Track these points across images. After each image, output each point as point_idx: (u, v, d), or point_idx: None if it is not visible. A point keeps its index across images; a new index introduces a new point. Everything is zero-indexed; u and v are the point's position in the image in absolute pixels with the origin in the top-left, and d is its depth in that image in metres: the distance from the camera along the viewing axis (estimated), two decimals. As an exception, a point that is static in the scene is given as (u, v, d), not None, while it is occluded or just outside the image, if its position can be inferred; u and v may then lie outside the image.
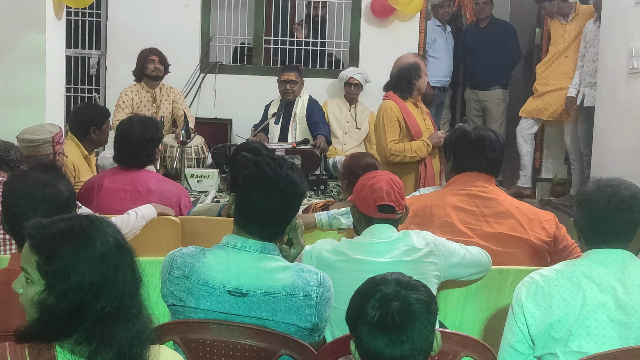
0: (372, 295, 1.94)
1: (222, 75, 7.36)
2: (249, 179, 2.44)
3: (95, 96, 7.38)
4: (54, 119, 4.89)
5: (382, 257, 2.77)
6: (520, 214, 3.29)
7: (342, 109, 6.85)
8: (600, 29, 5.83)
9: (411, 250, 2.79)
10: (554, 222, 3.31)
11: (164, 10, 7.20)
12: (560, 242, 3.28)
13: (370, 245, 2.81)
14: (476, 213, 3.28)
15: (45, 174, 2.51)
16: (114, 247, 1.74)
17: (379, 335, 1.90)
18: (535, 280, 2.40)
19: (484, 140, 3.40)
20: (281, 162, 2.47)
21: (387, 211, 2.84)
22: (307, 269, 2.42)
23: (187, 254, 2.42)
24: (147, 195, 3.90)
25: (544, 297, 2.35)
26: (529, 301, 2.37)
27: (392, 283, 1.98)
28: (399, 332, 1.89)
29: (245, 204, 2.42)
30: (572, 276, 2.36)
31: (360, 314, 1.93)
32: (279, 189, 2.39)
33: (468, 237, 3.18)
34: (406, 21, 7.32)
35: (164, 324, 2.45)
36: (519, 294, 2.41)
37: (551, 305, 2.34)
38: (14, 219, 2.42)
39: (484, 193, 3.33)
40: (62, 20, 5.21)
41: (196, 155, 5.72)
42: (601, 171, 5.59)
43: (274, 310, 2.33)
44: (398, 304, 1.91)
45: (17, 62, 4.85)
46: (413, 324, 1.90)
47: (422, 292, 1.97)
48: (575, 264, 2.41)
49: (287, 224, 2.47)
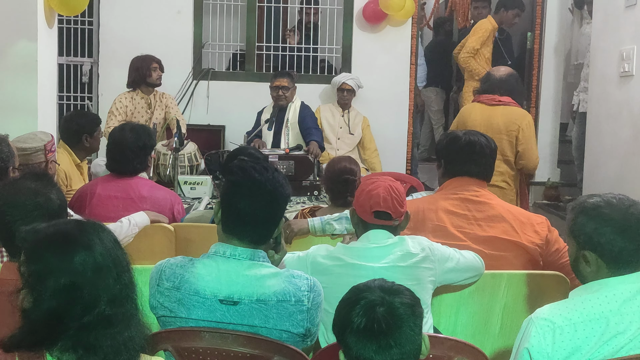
0: (357, 303, 1.95)
1: (215, 82, 7.36)
2: (236, 184, 2.45)
3: (88, 104, 7.37)
4: (46, 127, 4.87)
5: (378, 262, 2.76)
6: (513, 217, 3.29)
7: (335, 115, 6.85)
8: (592, 33, 5.85)
9: (406, 255, 2.79)
10: (545, 225, 3.31)
11: (156, 17, 7.20)
12: (552, 245, 3.28)
13: (365, 250, 2.81)
14: (468, 217, 3.28)
15: (36, 182, 2.50)
16: (99, 252, 1.72)
17: (367, 342, 1.90)
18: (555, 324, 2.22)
19: (474, 145, 3.41)
20: (265, 165, 2.49)
21: (383, 217, 2.83)
22: (297, 274, 2.42)
23: (176, 265, 2.42)
24: (140, 202, 3.90)
25: (567, 342, 2.20)
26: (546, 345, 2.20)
27: (376, 289, 1.99)
28: (386, 337, 1.90)
29: (234, 209, 2.42)
30: (600, 317, 2.20)
31: (346, 323, 1.94)
32: (267, 191, 2.40)
33: (461, 240, 3.18)
34: (398, 26, 7.33)
35: (156, 332, 2.44)
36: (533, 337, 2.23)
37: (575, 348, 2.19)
38: (5, 227, 2.41)
39: (476, 197, 3.33)
40: (54, 28, 5.20)
41: (189, 163, 5.71)
42: (593, 174, 5.61)
43: (266, 317, 2.33)
44: (383, 309, 1.92)
45: (9, 70, 4.84)
46: (400, 327, 1.91)
47: (406, 296, 1.99)
48: (601, 303, 2.22)
49: (276, 226, 2.48)
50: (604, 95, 5.50)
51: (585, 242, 2.28)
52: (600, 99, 5.59)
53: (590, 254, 2.28)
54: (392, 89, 7.34)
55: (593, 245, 2.27)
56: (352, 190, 3.71)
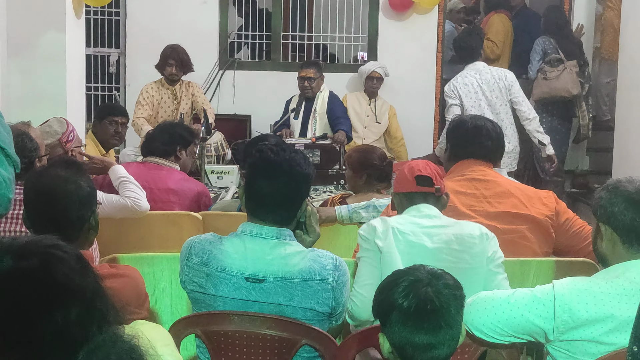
0: (402, 284, 1.93)
1: (241, 72, 7.37)
2: (253, 166, 2.48)
3: (115, 94, 7.43)
4: (75, 117, 4.92)
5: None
6: (520, 192, 3.31)
7: (362, 103, 6.84)
8: (622, 18, 5.78)
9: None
10: (553, 198, 3.34)
11: (182, 7, 7.22)
12: (562, 215, 3.30)
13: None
14: (477, 195, 3.29)
15: (66, 170, 2.52)
16: None
17: (416, 321, 1.88)
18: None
19: (481, 129, 3.43)
20: (284, 146, 2.52)
21: (425, 183, 2.79)
22: (322, 253, 2.43)
23: (205, 241, 2.45)
24: (166, 194, 3.94)
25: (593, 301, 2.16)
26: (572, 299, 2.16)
27: (421, 270, 1.98)
28: (437, 317, 1.88)
29: (253, 191, 2.44)
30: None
31: (391, 304, 1.92)
32: (283, 171, 2.41)
33: (472, 218, 3.16)
34: (424, 14, 7.28)
35: (185, 317, 2.47)
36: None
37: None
38: (37, 215, 2.44)
39: (482, 176, 3.35)
40: (81, 19, 5.24)
41: (216, 152, 5.74)
42: (623, 161, 5.55)
43: (291, 295, 2.34)
44: (431, 290, 1.91)
45: (38, 61, 4.89)
46: (449, 308, 1.90)
47: (449, 279, 1.98)
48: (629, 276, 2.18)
49: (298, 206, 2.48)
50: (635, 82, 5.42)
51: (602, 215, 2.28)
52: (629, 85, 5.51)
53: (606, 228, 2.26)
54: (418, 78, 7.30)
55: (607, 216, 2.25)
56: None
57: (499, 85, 5.55)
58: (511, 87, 5.56)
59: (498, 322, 2.20)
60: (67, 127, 4.02)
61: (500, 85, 5.55)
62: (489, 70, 5.64)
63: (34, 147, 3.37)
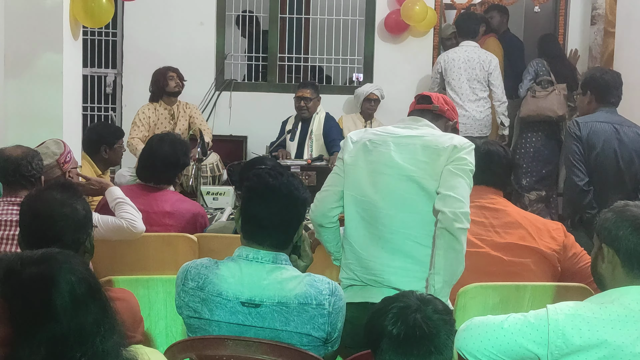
0: (391, 310, 1.94)
1: (237, 93, 7.40)
2: (251, 189, 2.48)
3: (112, 115, 7.44)
4: (71, 137, 4.91)
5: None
6: (529, 223, 3.29)
7: (358, 125, 6.86)
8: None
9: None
10: (562, 231, 3.32)
11: (179, 28, 7.26)
12: (569, 249, 3.28)
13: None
14: (485, 224, 3.28)
15: (62, 193, 2.52)
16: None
17: (407, 348, 1.89)
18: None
19: (492, 156, 3.42)
20: (281, 170, 2.54)
21: (424, 102, 3.07)
22: (319, 278, 2.44)
23: (201, 265, 2.45)
24: (162, 217, 3.92)
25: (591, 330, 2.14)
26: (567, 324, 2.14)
27: (410, 297, 1.98)
28: (427, 342, 1.89)
29: (250, 215, 2.45)
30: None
31: (381, 330, 1.93)
32: (282, 195, 2.43)
33: (479, 247, 3.17)
34: (420, 37, 7.34)
35: (180, 340, 2.46)
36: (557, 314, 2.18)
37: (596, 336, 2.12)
38: (33, 239, 2.43)
39: (492, 204, 3.34)
40: (79, 40, 5.25)
41: (211, 173, 5.74)
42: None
43: (287, 320, 2.34)
44: (420, 315, 1.91)
45: (35, 81, 4.89)
46: (438, 333, 1.91)
47: (438, 305, 1.98)
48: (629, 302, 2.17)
49: (295, 230, 2.49)
50: (628, 105, 5.44)
51: (606, 236, 2.27)
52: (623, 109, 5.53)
53: (608, 249, 2.26)
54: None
55: (611, 238, 2.25)
56: None
57: (482, 66, 6.47)
58: (493, 71, 6.49)
59: (492, 347, 2.20)
60: (65, 148, 3.99)
61: (484, 67, 6.47)
62: (477, 51, 6.54)
63: (42, 166, 3.47)
